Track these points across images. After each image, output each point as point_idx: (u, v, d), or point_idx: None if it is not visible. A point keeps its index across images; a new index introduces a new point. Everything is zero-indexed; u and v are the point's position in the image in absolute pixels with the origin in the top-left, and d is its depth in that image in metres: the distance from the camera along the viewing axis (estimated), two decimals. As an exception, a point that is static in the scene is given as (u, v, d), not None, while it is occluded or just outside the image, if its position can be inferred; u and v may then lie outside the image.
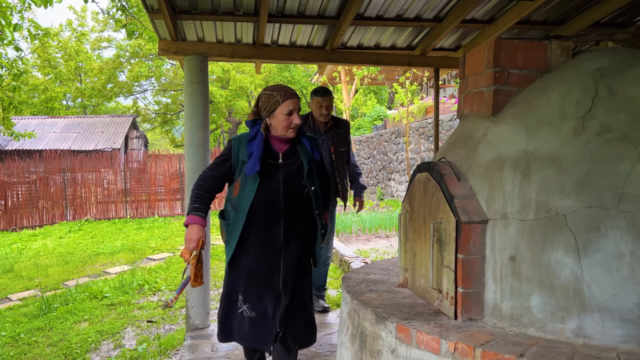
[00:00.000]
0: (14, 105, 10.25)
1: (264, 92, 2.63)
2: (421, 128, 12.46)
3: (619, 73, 2.19)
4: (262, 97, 2.61)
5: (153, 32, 7.42)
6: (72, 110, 28.55)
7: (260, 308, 2.66)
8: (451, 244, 2.13)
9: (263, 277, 2.66)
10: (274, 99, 2.57)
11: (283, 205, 2.63)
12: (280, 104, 2.56)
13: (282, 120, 2.58)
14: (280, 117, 2.57)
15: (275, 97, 2.57)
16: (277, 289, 2.65)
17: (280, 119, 2.58)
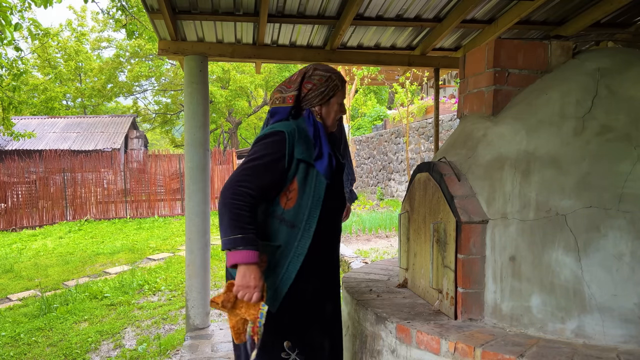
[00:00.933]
0: (14, 105, 10.25)
1: (318, 73, 2.05)
2: (421, 128, 12.47)
3: (619, 73, 2.19)
4: (314, 78, 2.03)
5: (153, 32, 7.42)
6: (72, 110, 28.55)
7: (312, 349, 2.05)
8: (451, 244, 2.13)
9: (319, 311, 2.09)
10: (333, 83, 2.06)
11: (340, 216, 2.17)
12: (339, 90, 2.09)
13: (335, 110, 2.09)
14: (335, 107, 2.09)
15: (334, 81, 2.06)
16: (326, 320, 2.14)
17: (334, 109, 2.09)
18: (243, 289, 1.84)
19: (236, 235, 1.82)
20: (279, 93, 2.07)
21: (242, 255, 1.82)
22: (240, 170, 1.90)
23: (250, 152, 1.95)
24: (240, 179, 1.88)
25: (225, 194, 1.86)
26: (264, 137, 1.95)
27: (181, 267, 7.10)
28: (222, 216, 1.85)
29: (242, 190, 1.85)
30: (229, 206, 1.84)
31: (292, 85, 2.05)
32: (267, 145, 1.93)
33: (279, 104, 2.06)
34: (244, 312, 1.89)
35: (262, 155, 1.91)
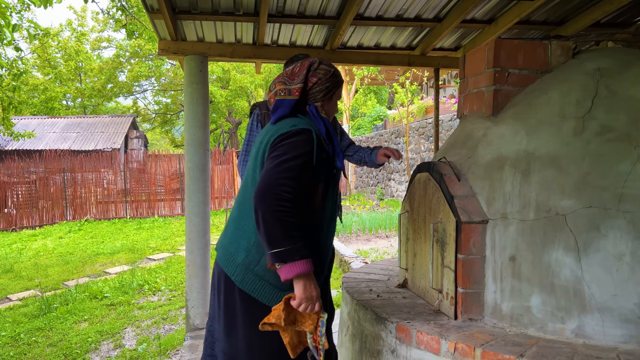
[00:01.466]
0: (13, 105, 10.25)
1: (323, 67, 1.96)
2: (421, 128, 12.47)
3: (619, 73, 2.19)
4: (320, 72, 1.95)
5: (153, 32, 7.42)
6: (72, 110, 28.55)
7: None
8: (451, 244, 2.13)
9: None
10: (337, 79, 1.99)
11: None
12: (340, 87, 2.03)
13: (334, 108, 2.04)
14: (334, 104, 2.04)
15: (337, 77, 1.99)
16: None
17: (333, 106, 2.04)
18: (306, 302, 1.72)
19: (290, 246, 1.67)
20: (282, 84, 1.94)
21: (301, 266, 1.68)
22: (276, 172, 1.72)
23: (278, 151, 1.78)
24: (279, 182, 1.70)
25: (267, 201, 1.68)
26: (291, 135, 1.80)
27: (181, 267, 7.10)
28: (269, 226, 1.67)
29: (285, 195, 1.69)
30: (275, 214, 1.66)
31: (296, 77, 1.93)
32: (299, 144, 1.79)
33: (284, 96, 1.92)
34: (303, 325, 1.77)
35: (296, 155, 1.76)
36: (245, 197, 1.91)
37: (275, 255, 1.68)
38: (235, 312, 1.88)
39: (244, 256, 1.85)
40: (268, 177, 1.73)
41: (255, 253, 1.83)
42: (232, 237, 1.92)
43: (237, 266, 1.86)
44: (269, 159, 1.79)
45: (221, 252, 1.95)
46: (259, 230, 1.71)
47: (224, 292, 1.91)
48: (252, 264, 1.84)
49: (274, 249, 1.67)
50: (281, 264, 1.68)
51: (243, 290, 1.84)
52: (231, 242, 1.91)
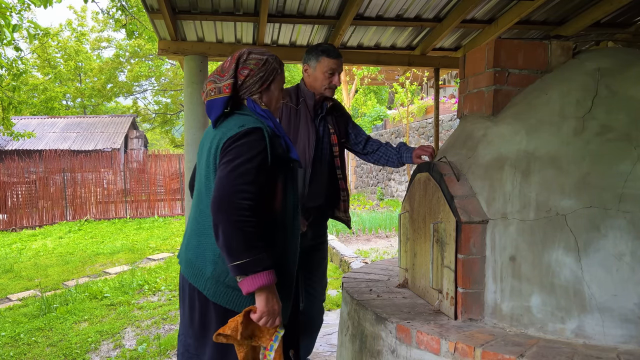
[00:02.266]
0: (13, 105, 10.26)
1: (254, 57, 1.83)
2: (421, 128, 12.47)
3: (619, 73, 2.19)
4: (250, 63, 1.82)
5: (153, 32, 7.42)
6: (72, 110, 28.54)
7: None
8: (451, 244, 2.13)
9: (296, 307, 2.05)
10: (271, 66, 1.86)
11: None
12: (279, 74, 1.90)
13: (276, 98, 1.91)
14: (276, 94, 1.90)
15: (272, 64, 1.86)
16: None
17: (275, 96, 1.90)
18: (267, 315, 1.65)
19: (252, 257, 1.60)
20: (212, 83, 1.82)
21: (263, 278, 1.61)
22: (231, 179, 1.64)
23: (230, 155, 1.68)
24: (236, 189, 1.62)
25: (225, 211, 1.60)
26: (241, 137, 1.70)
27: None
28: (228, 238, 1.59)
29: (244, 203, 1.61)
30: (235, 225, 1.59)
31: (226, 73, 1.81)
32: (251, 145, 1.69)
33: (215, 95, 1.80)
34: (260, 340, 1.70)
35: (250, 157, 1.67)
36: (203, 207, 1.79)
37: (236, 268, 1.60)
38: (209, 326, 1.78)
39: (212, 269, 1.75)
40: (223, 184, 1.64)
41: (223, 264, 1.72)
42: (196, 251, 1.82)
43: (207, 280, 1.76)
44: (222, 165, 1.69)
45: (188, 267, 1.85)
46: (218, 242, 1.63)
47: (198, 308, 1.81)
48: (221, 276, 1.74)
49: (234, 262, 1.60)
50: (242, 276, 1.61)
51: (217, 303, 1.75)
52: (197, 257, 1.81)
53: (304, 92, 2.71)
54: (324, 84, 2.68)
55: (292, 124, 2.65)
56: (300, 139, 2.63)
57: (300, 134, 2.64)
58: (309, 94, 2.70)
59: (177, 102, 29.95)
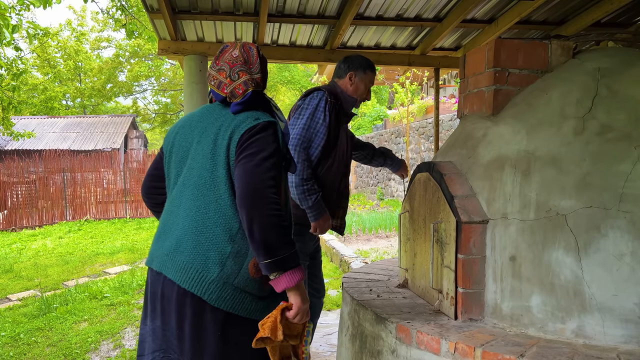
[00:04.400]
0: (13, 105, 10.25)
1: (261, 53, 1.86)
2: (421, 128, 12.47)
3: (620, 73, 2.19)
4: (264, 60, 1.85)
5: (153, 32, 7.42)
6: (72, 110, 28.53)
7: None
8: (451, 244, 2.13)
9: None
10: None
11: None
12: None
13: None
14: None
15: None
16: None
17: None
18: (302, 312, 1.61)
19: (289, 252, 1.55)
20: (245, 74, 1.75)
21: (299, 274, 1.57)
22: (260, 172, 1.59)
23: (253, 147, 1.62)
24: (266, 184, 1.57)
25: (259, 206, 1.55)
26: (261, 130, 1.65)
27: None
28: (265, 233, 1.53)
29: (274, 197, 1.57)
30: (271, 220, 1.54)
31: (252, 66, 1.77)
32: (270, 139, 1.65)
33: (254, 87, 1.74)
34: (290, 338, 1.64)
35: (272, 152, 1.63)
36: (203, 202, 1.67)
37: (273, 264, 1.54)
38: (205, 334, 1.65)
39: (219, 270, 1.63)
40: (250, 179, 1.58)
41: (233, 264, 1.63)
42: (193, 252, 1.66)
43: (211, 283, 1.62)
44: (244, 158, 1.62)
45: (179, 272, 1.66)
46: (252, 239, 1.55)
47: (191, 317, 1.65)
48: (230, 277, 1.63)
49: (272, 258, 1.54)
50: (280, 273, 1.55)
51: (218, 308, 1.63)
52: (194, 258, 1.65)
53: (343, 96, 2.68)
54: (362, 96, 2.74)
55: (336, 125, 2.62)
56: (340, 141, 2.67)
57: (340, 136, 2.67)
58: (349, 100, 2.69)
59: (177, 102, 29.95)
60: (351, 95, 2.69)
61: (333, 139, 2.58)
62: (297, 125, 2.53)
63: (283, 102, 29.44)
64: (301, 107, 2.58)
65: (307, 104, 2.57)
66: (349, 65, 2.71)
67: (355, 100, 2.73)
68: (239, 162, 1.62)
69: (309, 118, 2.53)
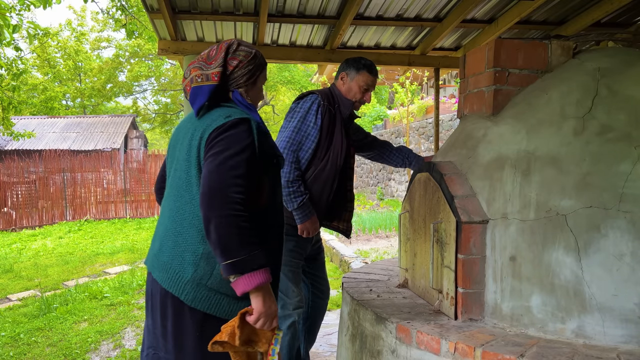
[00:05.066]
0: (13, 105, 10.25)
1: (244, 49, 1.77)
2: (421, 128, 12.47)
3: (620, 73, 2.19)
4: (240, 54, 1.75)
5: (153, 32, 7.42)
6: (72, 110, 28.53)
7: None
8: (451, 244, 2.13)
9: None
10: (259, 61, 1.80)
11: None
12: (263, 71, 1.85)
13: (259, 94, 1.85)
14: (259, 90, 1.85)
15: (259, 59, 1.81)
16: None
17: (259, 92, 1.84)
18: (266, 317, 1.55)
19: (247, 254, 1.50)
20: (198, 70, 1.74)
21: (260, 277, 1.51)
22: (223, 171, 1.55)
23: (219, 146, 1.60)
24: (228, 183, 1.53)
25: (217, 205, 1.51)
26: (229, 128, 1.62)
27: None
28: (222, 234, 1.50)
29: (236, 197, 1.52)
30: (229, 219, 1.50)
31: (213, 61, 1.73)
32: (240, 136, 1.61)
33: (202, 82, 1.71)
34: (257, 345, 1.59)
35: (240, 149, 1.59)
36: (181, 204, 1.68)
37: (231, 266, 1.50)
38: (185, 334, 1.66)
39: (192, 271, 1.63)
40: (213, 177, 1.55)
41: (206, 265, 1.62)
42: (172, 253, 1.68)
43: (186, 284, 1.63)
44: (209, 157, 1.59)
45: (161, 272, 1.70)
46: (210, 239, 1.52)
47: (172, 316, 1.67)
48: (203, 278, 1.63)
49: (228, 260, 1.49)
50: (237, 275, 1.51)
51: (196, 308, 1.63)
52: (173, 259, 1.67)
53: (340, 99, 2.65)
54: (356, 97, 2.65)
55: (329, 128, 2.58)
56: (334, 145, 2.59)
57: (335, 139, 2.60)
58: (346, 103, 2.65)
59: (177, 102, 29.95)
60: (345, 97, 2.64)
61: (326, 142, 2.56)
62: (287, 128, 2.54)
63: (283, 102, 29.45)
64: (294, 110, 2.59)
65: (300, 107, 2.58)
66: (341, 66, 2.69)
67: (351, 103, 2.65)
68: (205, 162, 1.61)
69: (299, 121, 2.53)
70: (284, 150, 2.49)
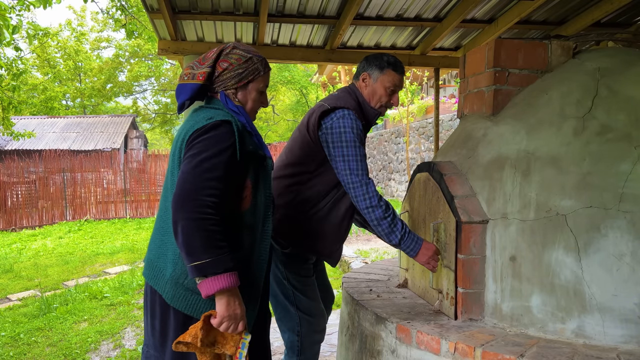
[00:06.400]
0: (13, 105, 10.26)
1: (237, 52, 1.77)
2: (421, 128, 12.47)
3: (620, 73, 2.19)
4: (232, 57, 1.76)
5: (152, 32, 7.42)
6: (72, 110, 28.54)
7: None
8: (451, 244, 2.13)
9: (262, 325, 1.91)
10: (254, 66, 1.78)
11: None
12: (261, 76, 1.81)
13: (253, 99, 1.81)
14: (253, 95, 1.80)
15: (255, 64, 1.78)
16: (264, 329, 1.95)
17: (252, 97, 1.80)
18: (229, 320, 1.55)
19: (212, 258, 1.50)
20: (189, 69, 1.78)
21: (224, 280, 1.51)
22: (197, 174, 1.55)
23: (196, 148, 1.60)
24: (200, 186, 1.53)
25: (187, 208, 1.51)
26: (209, 130, 1.62)
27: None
28: (187, 236, 1.50)
29: (208, 200, 1.53)
30: (196, 222, 1.50)
31: (205, 62, 1.76)
32: (219, 139, 1.61)
33: (187, 80, 1.75)
34: (223, 347, 1.59)
35: (217, 151, 1.59)
36: (167, 204, 1.69)
37: (195, 269, 1.50)
38: (170, 334, 1.68)
39: (172, 270, 1.65)
40: (187, 179, 1.55)
41: (183, 265, 1.62)
42: (158, 251, 1.72)
43: (167, 282, 1.66)
44: (186, 159, 1.60)
45: (149, 269, 1.74)
46: (177, 241, 1.54)
47: (159, 314, 1.71)
48: (180, 278, 1.64)
49: (193, 262, 1.50)
50: (201, 278, 1.51)
51: (176, 308, 1.65)
52: (158, 257, 1.71)
53: (367, 109, 2.29)
54: (382, 100, 2.29)
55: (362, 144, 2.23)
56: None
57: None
58: (371, 113, 2.30)
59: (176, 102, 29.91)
60: (369, 104, 2.29)
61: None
62: (346, 156, 2.13)
63: (283, 102, 29.45)
64: (338, 131, 2.14)
65: (343, 127, 2.15)
66: (362, 65, 2.34)
67: (377, 114, 2.31)
68: (182, 164, 1.62)
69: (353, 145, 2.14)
70: (361, 182, 2.11)
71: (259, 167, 1.74)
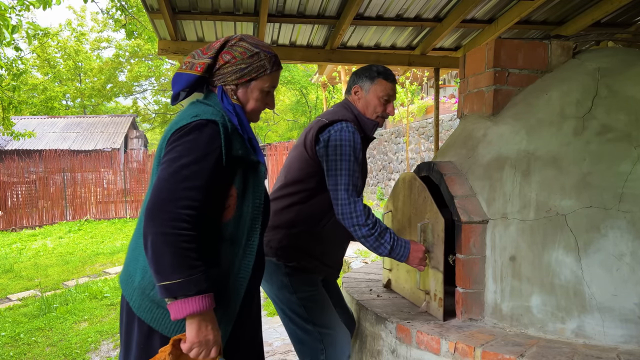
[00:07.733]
0: (13, 105, 10.25)
1: (243, 45, 1.59)
2: (421, 128, 12.47)
3: (619, 73, 2.19)
4: (236, 50, 1.58)
5: (152, 32, 7.42)
6: (72, 110, 28.55)
7: None
8: (439, 244, 2.12)
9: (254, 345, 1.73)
10: (260, 62, 1.59)
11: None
12: (267, 75, 1.61)
13: (255, 98, 1.62)
14: (255, 94, 1.61)
15: (261, 60, 1.59)
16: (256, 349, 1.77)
17: (254, 96, 1.61)
18: (199, 347, 1.39)
19: (183, 278, 1.33)
20: (190, 57, 1.60)
21: (195, 304, 1.34)
22: (174, 182, 1.37)
23: (175, 152, 1.41)
24: (176, 196, 1.36)
25: (158, 221, 1.34)
26: (192, 130, 1.43)
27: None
28: (157, 253, 1.33)
29: (183, 213, 1.35)
30: (167, 239, 1.33)
31: (209, 52, 1.58)
32: (200, 142, 1.42)
33: (185, 70, 1.57)
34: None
35: (198, 157, 1.40)
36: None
37: (164, 290, 1.34)
38: (132, 343, 1.53)
39: (140, 277, 1.49)
40: (162, 188, 1.38)
41: (151, 276, 1.42)
42: (132, 255, 1.56)
43: (134, 290, 1.50)
44: (164, 163, 1.42)
45: (123, 272, 1.59)
46: (147, 257, 1.36)
47: (125, 323, 1.56)
48: (147, 288, 1.47)
49: (162, 282, 1.33)
50: (171, 299, 1.35)
51: (141, 318, 1.49)
52: (131, 261, 1.55)
53: (364, 121, 2.23)
54: (377, 111, 2.22)
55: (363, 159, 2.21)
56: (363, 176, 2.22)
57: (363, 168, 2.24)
58: (369, 124, 2.24)
59: (174, 97, 29.90)
60: (364, 116, 2.23)
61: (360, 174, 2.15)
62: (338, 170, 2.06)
63: (283, 102, 29.44)
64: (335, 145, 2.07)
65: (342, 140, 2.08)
66: (352, 79, 2.31)
67: (374, 124, 2.25)
68: (159, 168, 1.45)
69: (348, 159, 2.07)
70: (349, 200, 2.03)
71: (249, 173, 1.55)
